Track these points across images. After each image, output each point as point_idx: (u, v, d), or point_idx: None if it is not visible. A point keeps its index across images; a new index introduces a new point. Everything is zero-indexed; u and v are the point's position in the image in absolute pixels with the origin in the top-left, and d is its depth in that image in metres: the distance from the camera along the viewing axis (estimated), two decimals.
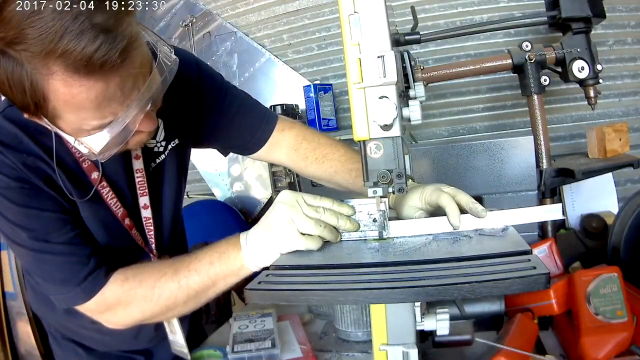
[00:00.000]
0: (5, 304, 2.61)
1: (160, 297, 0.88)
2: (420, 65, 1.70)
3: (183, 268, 0.89)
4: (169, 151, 1.03)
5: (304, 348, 1.17)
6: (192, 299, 0.90)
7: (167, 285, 0.88)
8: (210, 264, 0.88)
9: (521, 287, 0.54)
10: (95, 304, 0.89)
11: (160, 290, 0.88)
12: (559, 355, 1.03)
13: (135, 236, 0.99)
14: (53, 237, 0.86)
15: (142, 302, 0.89)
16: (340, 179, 1.12)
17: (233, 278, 0.89)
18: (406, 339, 0.73)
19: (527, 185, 1.58)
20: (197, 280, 0.88)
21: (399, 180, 0.76)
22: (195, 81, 1.06)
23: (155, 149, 1.01)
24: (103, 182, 0.93)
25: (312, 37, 2.51)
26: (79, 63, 0.64)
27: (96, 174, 0.92)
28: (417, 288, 0.55)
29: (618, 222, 1.28)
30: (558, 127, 2.15)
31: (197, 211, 2.56)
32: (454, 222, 0.80)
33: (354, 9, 0.71)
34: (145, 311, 0.90)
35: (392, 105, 0.71)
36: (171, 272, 0.89)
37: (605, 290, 0.98)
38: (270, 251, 0.83)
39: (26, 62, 0.65)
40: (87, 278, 0.87)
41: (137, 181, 0.98)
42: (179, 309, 0.92)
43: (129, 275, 0.90)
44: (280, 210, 0.82)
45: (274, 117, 1.17)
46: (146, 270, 0.91)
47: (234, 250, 0.87)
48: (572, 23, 1.52)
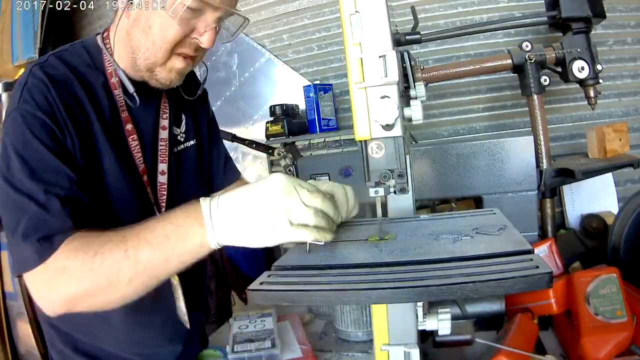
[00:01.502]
0: (5, 304, 2.61)
1: (101, 265, 0.74)
2: (420, 65, 1.70)
3: (132, 236, 0.77)
4: (189, 145, 1.10)
5: (304, 348, 1.17)
6: (138, 276, 0.76)
7: (112, 253, 0.75)
8: (165, 236, 0.75)
9: (524, 287, 0.54)
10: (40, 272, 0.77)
11: (102, 258, 0.75)
12: (559, 355, 1.03)
13: (150, 194, 0.98)
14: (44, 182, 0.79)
15: (80, 269, 0.75)
16: None
17: (189, 257, 0.77)
18: (408, 339, 0.74)
19: (527, 185, 1.58)
20: (147, 253, 0.75)
21: (400, 180, 0.76)
22: (209, 106, 1.22)
23: (178, 137, 1.08)
24: (134, 135, 0.96)
25: (312, 37, 2.51)
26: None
27: (130, 125, 0.95)
28: (420, 288, 0.55)
29: (618, 222, 1.28)
30: (558, 127, 2.15)
31: None
32: None
33: (355, 9, 0.71)
34: (82, 282, 0.75)
35: (394, 105, 0.71)
36: (118, 238, 0.77)
37: (605, 291, 0.98)
38: (244, 234, 0.73)
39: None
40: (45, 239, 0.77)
41: (160, 148, 1.01)
42: (121, 288, 0.76)
43: (77, 237, 0.79)
44: (273, 194, 0.72)
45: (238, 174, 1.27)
46: (95, 235, 0.79)
47: (195, 225, 0.75)
48: (572, 23, 1.52)
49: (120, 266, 0.75)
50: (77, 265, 0.75)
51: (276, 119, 2.33)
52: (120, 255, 0.75)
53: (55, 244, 0.77)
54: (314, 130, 2.36)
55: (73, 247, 0.77)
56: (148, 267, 0.76)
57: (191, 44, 0.90)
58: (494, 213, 0.91)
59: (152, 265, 0.76)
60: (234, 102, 2.69)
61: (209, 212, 0.75)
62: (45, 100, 0.84)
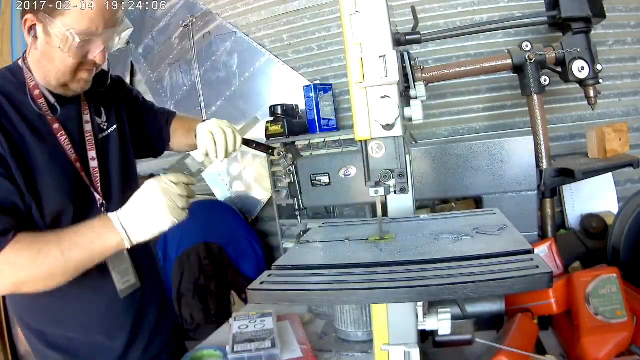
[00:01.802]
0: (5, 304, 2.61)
1: (43, 262, 0.98)
2: (420, 65, 1.69)
3: (67, 239, 1.01)
4: (111, 131, 1.27)
5: (304, 348, 1.17)
6: (70, 269, 1.01)
7: (51, 253, 0.99)
8: (90, 242, 1.01)
9: (524, 287, 0.54)
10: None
11: (44, 257, 0.99)
12: (559, 355, 1.03)
13: (85, 178, 1.16)
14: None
15: (27, 264, 0.98)
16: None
17: (109, 253, 1.04)
18: (408, 339, 0.73)
19: (527, 185, 1.57)
20: (78, 254, 1.00)
21: (400, 180, 0.76)
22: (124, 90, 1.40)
23: (102, 126, 1.25)
24: (62, 131, 1.13)
25: (312, 37, 2.51)
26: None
27: (57, 124, 1.12)
28: (421, 288, 0.55)
29: (618, 222, 1.28)
30: (558, 127, 2.15)
31: (196, 211, 2.55)
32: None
33: (355, 9, 0.71)
34: (29, 273, 0.99)
35: (395, 105, 0.71)
36: (55, 240, 1.01)
37: (605, 291, 0.98)
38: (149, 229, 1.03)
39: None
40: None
41: (87, 138, 1.19)
42: (57, 278, 1.01)
43: (21, 238, 1.00)
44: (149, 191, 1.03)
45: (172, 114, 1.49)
46: (37, 237, 1.02)
47: (112, 232, 1.02)
48: (572, 23, 1.52)
49: (57, 262, 1.00)
50: (24, 260, 0.98)
51: (276, 119, 2.33)
52: (57, 254, 0.99)
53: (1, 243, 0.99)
54: (314, 130, 2.36)
55: (19, 247, 0.99)
56: (78, 263, 1.02)
57: (90, 62, 1.08)
58: (494, 213, 0.91)
59: (81, 262, 1.02)
60: (234, 102, 2.69)
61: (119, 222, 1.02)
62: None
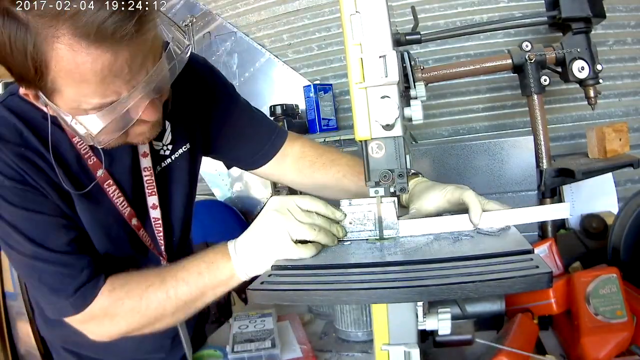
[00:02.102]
0: (5, 304, 2.61)
1: (148, 308, 0.84)
2: (420, 65, 1.70)
3: (170, 278, 0.85)
4: (178, 155, 1.00)
5: (304, 348, 1.17)
6: (180, 310, 0.86)
7: (155, 296, 0.84)
8: (198, 274, 0.84)
9: (524, 287, 0.54)
10: (82, 315, 0.86)
11: (147, 302, 0.84)
12: (559, 355, 1.03)
13: (144, 237, 0.96)
14: (48, 243, 0.82)
15: (130, 313, 0.85)
16: (348, 182, 1.08)
17: (222, 288, 0.85)
18: (408, 339, 0.74)
19: (527, 185, 1.58)
20: (185, 291, 0.84)
21: (400, 180, 0.76)
22: (209, 86, 1.05)
23: (161, 152, 0.98)
24: (109, 180, 0.88)
25: (312, 37, 2.51)
26: (89, 27, 0.60)
27: (101, 171, 0.86)
28: (421, 288, 0.55)
29: (618, 222, 1.28)
30: (558, 127, 2.15)
31: (197, 211, 2.52)
32: (474, 220, 0.77)
33: (355, 9, 0.71)
34: (132, 322, 0.86)
35: (394, 105, 0.71)
36: (158, 282, 0.85)
37: (605, 291, 0.98)
38: (262, 260, 0.79)
39: (32, 22, 0.60)
40: (77, 292, 0.84)
41: (145, 180, 0.94)
42: (166, 320, 0.88)
43: (116, 285, 0.86)
44: (271, 217, 0.78)
45: (284, 132, 1.15)
46: (133, 280, 0.87)
47: (223, 260, 0.83)
48: (572, 23, 1.52)
49: (164, 305, 0.85)
50: (126, 310, 0.85)
51: (276, 119, 2.33)
52: (163, 297, 0.84)
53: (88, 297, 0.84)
54: (314, 130, 2.36)
55: (116, 296, 0.85)
56: (188, 302, 0.85)
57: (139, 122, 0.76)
58: None
59: (191, 300, 0.85)
60: None
61: (234, 248, 0.83)
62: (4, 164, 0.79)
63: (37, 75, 0.65)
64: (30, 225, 0.81)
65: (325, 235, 0.77)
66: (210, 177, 2.84)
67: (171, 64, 0.74)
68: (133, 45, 0.65)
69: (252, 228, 0.82)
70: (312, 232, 0.76)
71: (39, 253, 0.82)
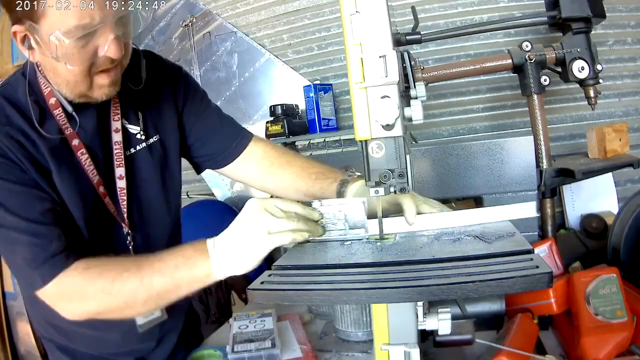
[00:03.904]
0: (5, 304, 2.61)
1: (119, 292, 0.86)
2: (420, 65, 1.70)
3: (147, 266, 0.87)
4: (150, 143, 1.07)
5: (304, 348, 1.17)
6: (152, 300, 0.88)
7: (129, 281, 0.86)
8: (175, 267, 0.86)
9: (524, 286, 0.54)
10: (53, 290, 0.87)
11: (120, 285, 0.86)
12: (559, 355, 1.03)
13: (108, 205, 1.00)
14: (22, 212, 0.86)
15: (100, 294, 0.86)
16: (300, 182, 1.14)
17: (198, 284, 0.88)
18: (408, 339, 0.74)
19: (527, 185, 1.58)
20: (159, 282, 0.86)
21: (400, 180, 0.76)
22: (181, 89, 1.14)
23: (137, 136, 1.05)
24: (82, 149, 0.95)
25: (312, 37, 2.51)
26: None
27: (77, 141, 0.94)
28: (421, 287, 0.55)
29: (618, 222, 1.28)
30: (558, 127, 2.15)
31: (197, 211, 2.55)
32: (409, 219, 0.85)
33: (355, 9, 0.71)
34: (102, 304, 0.88)
35: (395, 105, 0.71)
36: (134, 268, 0.87)
37: (605, 291, 0.98)
38: (240, 258, 0.83)
39: None
40: (45, 262, 0.86)
41: (115, 152, 1.00)
42: (137, 308, 0.90)
43: (90, 264, 0.88)
44: (250, 216, 0.84)
45: (249, 134, 1.23)
46: (109, 263, 0.89)
47: (201, 257, 0.86)
48: (572, 23, 1.52)
49: (137, 292, 0.86)
50: (97, 290, 0.86)
51: (276, 119, 2.33)
52: (136, 284, 0.86)
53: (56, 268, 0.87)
54: (314, 130, 2.36)
55: (89, 274, 0.87)
56: (161, 293, 0.87)
57: (104, 60, 0.87)
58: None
59: (164, 291, 0.87)
60: (234, 102, 2.68)
61: (213, 246, 0.86)
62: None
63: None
64: (8, 195, 0.86)
65: (305, 224, 0.82)
66: (210, 177, 2.84)
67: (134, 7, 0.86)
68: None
69: (231, 227, 0.86)
70: (291, 222, 0.82)
71: (14, 222, 0.86)
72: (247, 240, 0.82)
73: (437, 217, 0.86)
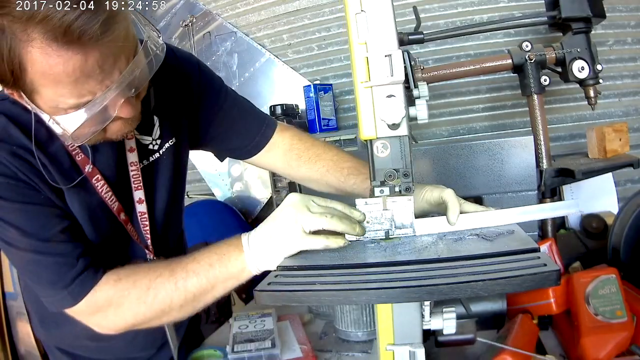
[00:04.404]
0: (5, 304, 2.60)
1: (155, 299, 0.83)
2: (420, 65, 1.70)
3: (180, 269, 0.84)
4: (164, 150, 1.01)
5: (304, 348, 1.17)
6: (189, 303, 0.85)
7: (163, 287, 0.83)
8: (209, 265, 0.83)
9: (533, 284, 0.54)
10: (85, 306, 0.85)
11: (155, 292, 0.83)
12: (559, 355, 1.04)
13: (131, 231, 0.96)
14: (42, 233, 0.82)
15: (136, 304, 0.84)
16: (331, 177, 1.10)
17: (233, 281, 0.84)
18: (413, 339, 0.73)
19: (527, 185, 1.58)
20: (194, 283, 0.83)
21: (405, 180, 0.76)
22: (195, 81, 1.06)
23: (150, 147, 0.99)
24: (97, 175, 0.89)
25: (312, 37, 2.51)
26: (57, 31, 0.62)
27: (89, 166, 0.88)
28: (431, 287, 0.55)
29: (618, 222, 1.29)
30: (558, 127, 2.15)
31: (197, 211, 2.55)
32: (452, 219, 0.80)
33: (360, 8, 0.71)
34: (139, 314, 0.85)
35: (401, 104, 0.71)
36: (167, 273, 0.84)
37: (604, 291, 0.98)
38: (274, 253, 0.79)
39: (7, 26, 0.62)
40: (74, 280, 0.83)
41: (132, 174, 0.95)
42: (174, 314, 0.87)
43: (122, 275, 0.85)
44: (286, 211, 0.80)
45: (273, 122, 1.18)
46: (140, 271, 0.86)
47: (235, 252, 0.83)
48: (572, 23, 1.52)
49: (172, 297, 0.84)
50: (132, 300, 0.83)
51: (276, 119, 2.32)
52: (171, 288, 0.83)
53: (86, 286, 0.84)
54: (314, 130, 2.35)
55: (122, 286, 0.84)
56: (197, 295, 0.84)
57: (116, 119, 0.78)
58: None
59: (200, 293, 0.84)
60: None
61: (247, 241, 0.83)
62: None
63: (15, 77, 0.67)
64: (24, 218, 0.82)
65: (340, 221, 0.77)
66: (210, 177, 2.84)
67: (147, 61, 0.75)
68: (103, 45, 0.66)
69: (266, 222, 0.82)
70: (326, 219, 0.77)
71: (34, 245, 0.82)
72: (280, 236, 0.79)
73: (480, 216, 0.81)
